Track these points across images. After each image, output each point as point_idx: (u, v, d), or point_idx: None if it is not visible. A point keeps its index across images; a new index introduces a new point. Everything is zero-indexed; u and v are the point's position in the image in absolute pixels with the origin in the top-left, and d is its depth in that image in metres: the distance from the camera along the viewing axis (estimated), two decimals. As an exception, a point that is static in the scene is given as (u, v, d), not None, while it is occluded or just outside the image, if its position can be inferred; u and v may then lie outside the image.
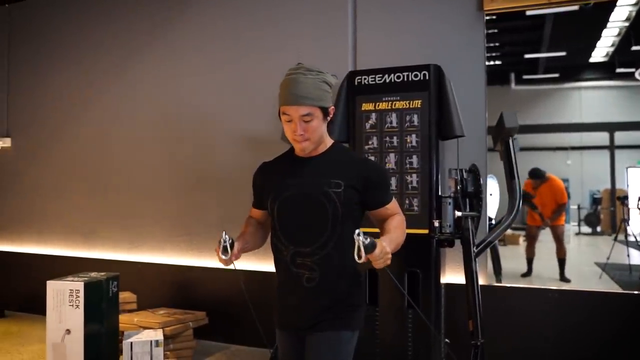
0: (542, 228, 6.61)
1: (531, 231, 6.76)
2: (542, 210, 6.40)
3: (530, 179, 6.54)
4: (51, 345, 3.19)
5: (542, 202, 6.41)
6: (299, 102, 1.77)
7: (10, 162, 5.41)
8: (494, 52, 10.33)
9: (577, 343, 3.27)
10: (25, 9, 5.41)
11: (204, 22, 4.52)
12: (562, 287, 3.37)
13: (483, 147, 3.53)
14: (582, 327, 3.26)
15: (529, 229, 6.81)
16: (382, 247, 1.59)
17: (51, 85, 5.23)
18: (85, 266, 4.46)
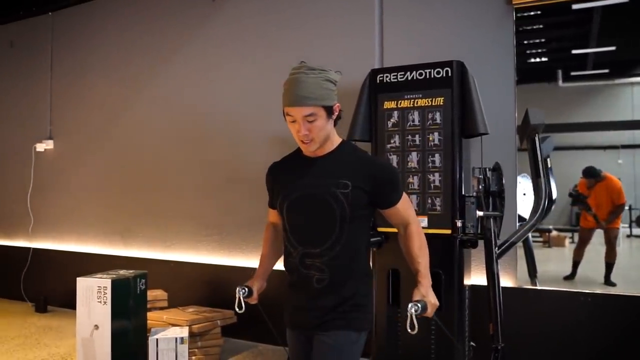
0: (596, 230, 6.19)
1: (584, 234, 6.32)
2: (597, 211, 6.02)
3: (585, 178, 6.18)
4: (81, 340, 3.29)
5: (597, 202, 6.05)
6: (301, 103, 1.76)
7: (53, 163, 5.63)
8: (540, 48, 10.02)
9: (610, 349, 3.11)
10: (66, 16, 5.63)
11: (232, 24, 4.57)
12: (595, 290, 3.21)
13: (512, 146, 3.42)
14: (616, 333, 3.11)
15: (582, 232, 6.38)
16: (432, 305, 1.78)
17: (90, 89, 5.42)
18: (121, 264, 4.60)
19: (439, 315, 2.92)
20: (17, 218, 5.79)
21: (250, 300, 1.98)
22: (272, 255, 2.11)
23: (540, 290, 3.40)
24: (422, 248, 1.91)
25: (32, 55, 5.84)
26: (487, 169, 2.90)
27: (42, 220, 5.64)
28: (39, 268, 5.53)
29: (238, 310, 1.89)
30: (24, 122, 5.88)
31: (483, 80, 3.39)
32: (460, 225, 2.90)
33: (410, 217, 1.93)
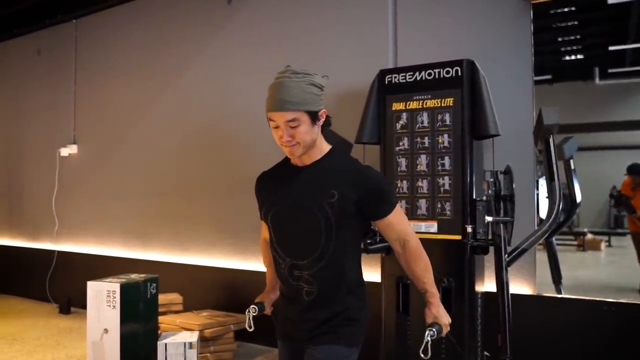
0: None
1: (636, 239, 5.85)
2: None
3: (630, 175, 5.75)
4: (91, 343, 3.32)
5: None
6: (283, 108, 1.69)
7: (77, 167, 5.74)
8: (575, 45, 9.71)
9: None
10: (89, 23, 5.73)
11: (247, 26, 4.56)
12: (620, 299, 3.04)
13: (530, 148, 3.28)
14: None
15: (633, 237, 5.92)
16: (445, 326, 1.80)
17: (112, 94, 5.50)
18: (140, 267, 4.64)
19: (449, 324, 2.85)
20: (43, 221, 5.92)
21: (265, 313, 2.02)
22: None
23: (560, 299, 3.25)
24: (427, 268, 1.85)
25: (57, 63, 5.98)
26: (499, 172, 2.77)
27: (67, 224, 5.76)
28: (63, 270, 5.64)
29: (248, 329, 1.90)
30: (50, 127, 6.02)
31: (499, 80, 3.29)
32: (470, 230, 2.79)
33: (407, 232, 1.83)
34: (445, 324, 1.79)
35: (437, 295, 1.83)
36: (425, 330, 1.74)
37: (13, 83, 6.54)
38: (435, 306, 1.81)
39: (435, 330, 1.73)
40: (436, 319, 1.79)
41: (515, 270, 3.30)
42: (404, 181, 3.03)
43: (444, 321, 1.79)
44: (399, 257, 1.87)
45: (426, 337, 1.68)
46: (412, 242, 1.83)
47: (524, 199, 3.22)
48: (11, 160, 6.49)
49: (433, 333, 1.72)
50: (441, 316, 1.80)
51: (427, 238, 2.92)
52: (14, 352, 4.17)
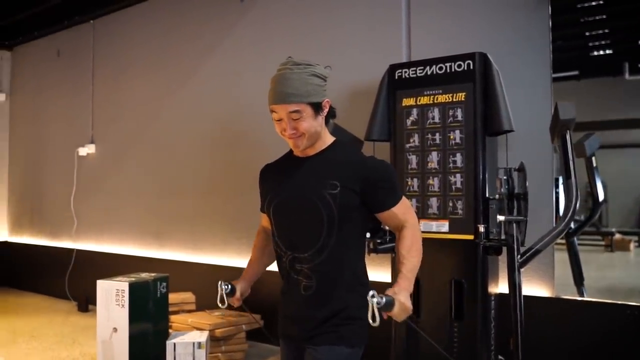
0: None
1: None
2: None
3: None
4: (101, 342, 3.32)
5: None
6: (285, 100, 1.66)
7: (95, 167, 5.79)
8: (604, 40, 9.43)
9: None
10: (106, 24, 5.77)
11: (259, 24, 4.52)
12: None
13: (548, 144, 3.15)
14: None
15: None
16: (400, 305, 1.55)
17: (128, 94, 5.53)
18: (155, 266, 4.66)
19: (459, 326, 2.75)
20: (62, 220, 6.00)
21: (232, 301, 1.90)
22: (260, 262, 2.02)
23: (579, 301, 3.12)
24: (413, 250, 1.70)
25: (75, 63, 6.04)
26: (513, 170, 2.67)
27: (85, 222, 5.81)
28: (82, 268, 5.69)
29: (220, 305, 1.84)
30: (69, 127, 6.09)
31: (516, 75, 3.18)
32: (483, 230, 2.69)
33: (408, 220, 1.75)
34: (402, 303, 1.55)
35: (409, 281, 1.64)
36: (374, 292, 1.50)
37: (34, 84, 6.65)
38: (400, 286, 1.60)
39: (385, 300, 1.49)
40: (395, 294, 1.55)
41: (532, 271, 3.18)
42: (415, 179, 2.95)
43: (400, 298, 1.55)
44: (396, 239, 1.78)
45: (370, 300, 1.47)
46: (408, 227, 1.73)
47: (542, 197, 3.10)
48: (32, 160, 6.60)
49: (380, 301, 1.48)
50: (401, 294, 1.57)
51: (438, 238, 2.84)
52: (31, 348, 4.21)
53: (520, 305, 2.37)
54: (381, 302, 1.48)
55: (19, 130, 6.86)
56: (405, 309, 1.56)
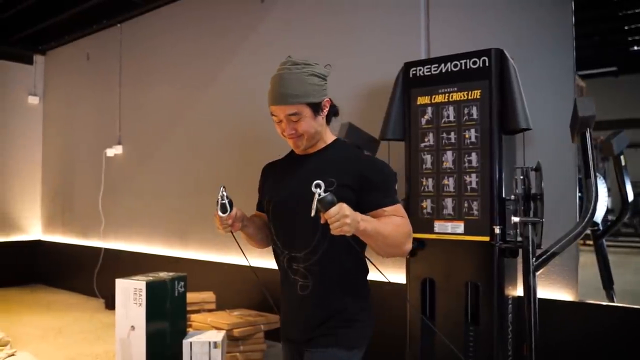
0: None
1: None
2: None
3: None
4: (119, 339, 3.37)
5: None
6: (283, 102, 1.65)
7: (122, 167, 5.90)
8: None
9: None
10: (132, 27, 5.88)
11: (280, 23, 4.52)
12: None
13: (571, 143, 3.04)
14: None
15: None
16: (340, 207, 1.43)
17: (154, 95, 5.61)
18: (179, 266, 4.72)
19: (475, 330, 2.68)
20: (91, 219, 6.14)
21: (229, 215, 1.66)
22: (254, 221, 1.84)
23: (604, 306, 2.99)
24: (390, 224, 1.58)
25: (104, 66, 6.18)
26: (530, 169, 2.58)
27: (112, 222, 5.93)
28: (109, 267, 5.80)
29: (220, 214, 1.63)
30: (97, 128, 6.23)
31: (538, 71, 3.08)
32: (499, 231, 2.61)
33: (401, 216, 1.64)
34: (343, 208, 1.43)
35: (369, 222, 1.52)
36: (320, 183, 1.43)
37: (65, 88, 6.83)
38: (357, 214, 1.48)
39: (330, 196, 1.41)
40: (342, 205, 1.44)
41: (556, 274, 3.08)
42: (429, 179, 2.88)
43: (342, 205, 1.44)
44: None
45: (314, 189, 1.41)
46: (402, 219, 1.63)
47: (565, 198, 2.99)
48: (63, 161, 6.79)
49: (321, 193, 1.40)
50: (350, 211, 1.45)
51: (453, 239, 2.78)
52: (57, 344, 4.32)
53: (534, 309, 2.29)
54: (321, 195, 1.40)
55: (51, 133, 7.06)
56: (343, 216, 1.43)
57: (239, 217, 1.71)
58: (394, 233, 1.58)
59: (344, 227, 1.44)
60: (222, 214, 1.64)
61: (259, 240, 1.87)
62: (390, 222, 1.60)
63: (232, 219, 1.68)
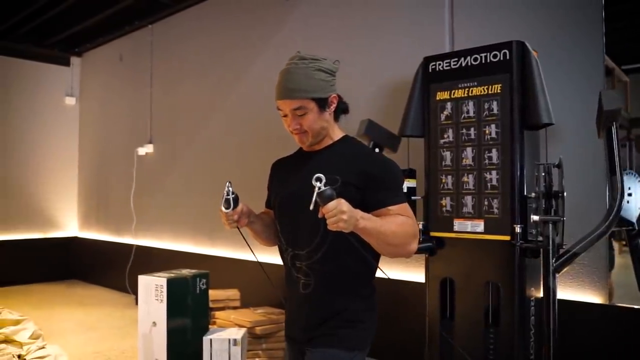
0: None
1: None
2: None
3: None
4: (141, 335, 3.42)
5: None
6: (288, 96, 1.64)
7: (153, 166, 6.01)
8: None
9: None
10: (163, 27, 5.97)
11: (304, 22, 4.50)
12: None
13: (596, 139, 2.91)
14: None
15: None
16: (338, 202, 1.40)
17: (183, 95, 5.69)
18: (207, 263, 4.78)
19: (495, 332, 2.59)
20: (123, 217, 6.28)
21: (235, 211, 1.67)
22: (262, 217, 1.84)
23: (636, 310, 2.84)
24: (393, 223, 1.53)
25: (136, 67, 6.30)
26: (552, 166, 2.47)
27: (143, 220, 6.05)
28: (140, 263, 5.91)
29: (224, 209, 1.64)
30: (130, 128, 6.37)
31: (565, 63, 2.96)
32: (519, 230, 2.51)
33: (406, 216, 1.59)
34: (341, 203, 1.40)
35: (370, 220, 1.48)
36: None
37: (100, 88, 7.01)
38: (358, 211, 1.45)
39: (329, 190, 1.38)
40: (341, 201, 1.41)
41: (585, 276, 2.96)
42: (449, 176, 2.81)
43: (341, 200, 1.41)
44: None
45: (314, 182, 1.38)
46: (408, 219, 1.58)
47: (594, 196, 2.86)
48: (98, 160, 6.97)
49: (321, 186, 1.37)
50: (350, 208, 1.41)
51: (473, 238, 2.70)
52: (87, 339, 4.43)
53: (554, 311, 2.19)
54: (321, 188, 1.37)
55: (87, 132, 7.26)
56: (340, 211, 1.39)
57: (245, 213, 1.71)
58: (396, 232, 1.53)
59: (340, 223, 1.41)
60: (226, 209, 1.64)
61: (265, 238, 1.87)
62: (394, 222, 1.55)
63: (238, 215, 1.68)
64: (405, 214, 1.61)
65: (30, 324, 4.03)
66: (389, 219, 1.56)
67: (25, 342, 3.82)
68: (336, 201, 1.41)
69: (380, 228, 1.50)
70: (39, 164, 6.99)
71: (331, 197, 1.40)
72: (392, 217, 1.57)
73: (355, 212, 1.45)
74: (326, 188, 1.39)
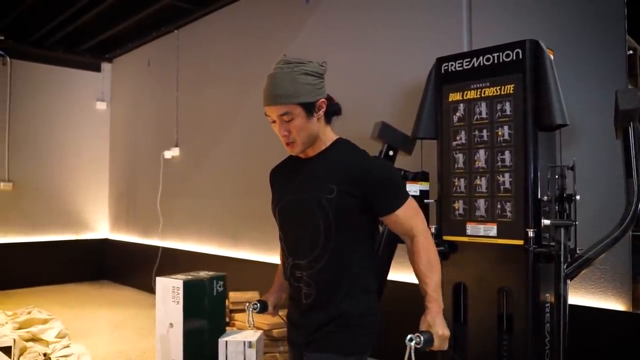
0: None
1: None
2: None
3: None
4: (159, 336, 3.46)
5: None
6: (274, 102, 1.63)
7: (179, 169, 6.11)
8: None
9: None
10: (188, 32, 6.07)
11: (325, 24, 4.50)
12: None
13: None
14: None
15: None
16: (439, 337, 1.53)
17: (208, 98, 5.77)
18: (230, 265, 4.85)
19: (509, 339, 2.52)
20: (151, 219, 6.40)
21: (267, 313, 1.96)
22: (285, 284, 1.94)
23: (660, 318, 2.73)
24: (431, 265, 1.63)
25: (163, 72, 6.43)
26: (566, 168, 2.39)
27: (170, 222, 6.16)
28: (166, 265, 6.03)
29: (248, 326, 1.90)
30: (157, 131, 6.50)
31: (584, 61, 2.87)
32: (532, 235, 2.44)
33: (417, 227, 1.66)
34: (440, 335, 1.53)
35: (438, 302, 1.60)
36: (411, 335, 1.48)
37: (129, 93, 7.18)
38: (433, 313, 1.57)
39: (423, 338, 1.46)
40: (430, 327, 1.53)
41: (606, 282, 2.86)
42: (461, 179, 2.75)
43: (437, 330, 1.53)
44: (408, 253, 1.70)
45: (408, 343, 1.44)
46: (421, 238, 1.65)
47: (613, 200, 2.75)
48: (128, 163, 7.13)
49: (420, 340, 1.45)
50: (436, 325, 1.54)
51: (485, 242, 2.64)
52: (112, 338, 4.54)
53: (564, 319, 2.12)
54: (421, 342, 1.46)
55: (117, 136, 7.44)
56: (445, 338, 1.54)
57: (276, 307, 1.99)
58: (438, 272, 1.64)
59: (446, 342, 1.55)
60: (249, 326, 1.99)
61: None
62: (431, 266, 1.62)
63: (273, 314, 1.99)
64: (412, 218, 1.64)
65: (58, 323, 4.15)
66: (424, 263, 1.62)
67: (51, 341, 3.93)
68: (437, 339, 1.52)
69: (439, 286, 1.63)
70: (72, 168, 7.20)
71: (431, 341, 1.50)
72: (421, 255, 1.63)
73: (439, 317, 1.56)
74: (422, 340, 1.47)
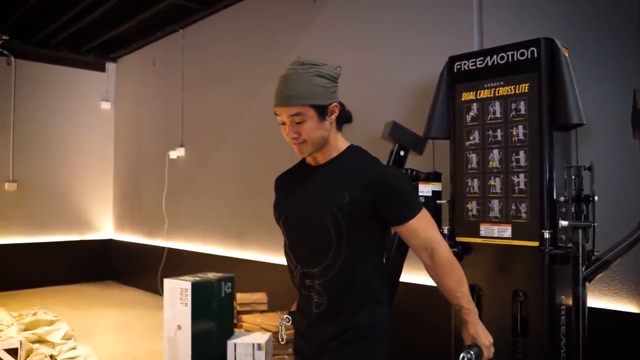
0: None
1: None
2: None
3: None
4: (167, 338, 3.44)
5: None
6: (286, 102, 1.59)
7: (184, 169, 6.08)
8: None
9: None
10: (193, 32, 6.04)
11: (332, 23, 4.46)
12: None
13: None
14: None
15: None
16: (487, 348, 1.57)
17: (213, 98, 5.74)
18: (235, 266, 4.81)
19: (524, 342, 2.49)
20: (156, 219, 6.37)
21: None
22: None
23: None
24: (461, 281, 1.62)
25: (168, 71, 6.40)
26: (583, 168, 2.35)
27: (175, 222, 6.13)
28: (172, 266, 6.00)
29: (280, 342, 1.80)
30: (162, 131, 6.47)
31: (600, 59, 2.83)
32: (548, 236, 2.40)
33: (434, 239, 1.61)
34: (486, 344, 1.56)
35: (475, 312, 1.59)
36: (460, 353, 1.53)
37: (134, 93, 7.16)
38: (474, 324, 1.58)
39: (473, 353, 1.51)
40: (475, 339, 1.56)
41: (620, 283, 2.81)
42: (475, 180, 2.71)
43: (483, 341, 1.56)
44: (428, 268, 1.66)
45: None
46: (442, 251, 1.60)
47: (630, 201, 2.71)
48: (132, 163, 7.11)
49: (471, 356, 1.50)
50: (480, 336, 1.56)
51: (500, 244, 2.60)
52: (117, 339, 4.51)
53: (584, 322, 2.08)
54: (472, 357, 1.50)
55: (122, 137, 7.42)
56: (491, 345, 1.58)
57: None
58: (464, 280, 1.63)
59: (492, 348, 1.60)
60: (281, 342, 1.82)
61: None
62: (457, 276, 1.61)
63: None
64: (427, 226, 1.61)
65: (64, 325, 4.12)
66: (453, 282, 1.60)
67: (58, 343, 3.91)
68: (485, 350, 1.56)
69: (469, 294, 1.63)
70: (77, 167, 7.18)
71: (481, 354, 1.55)
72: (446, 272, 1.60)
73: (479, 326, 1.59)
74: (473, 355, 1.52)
